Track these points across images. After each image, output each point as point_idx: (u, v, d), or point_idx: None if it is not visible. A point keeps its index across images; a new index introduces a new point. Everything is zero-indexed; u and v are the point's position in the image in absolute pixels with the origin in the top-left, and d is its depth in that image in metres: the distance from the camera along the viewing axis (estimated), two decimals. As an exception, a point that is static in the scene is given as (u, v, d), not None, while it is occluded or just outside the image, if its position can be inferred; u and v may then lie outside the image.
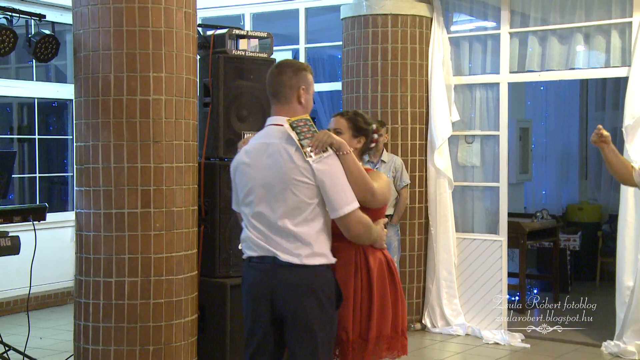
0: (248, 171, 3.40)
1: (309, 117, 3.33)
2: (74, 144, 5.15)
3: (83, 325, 4.95)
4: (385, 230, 3.55)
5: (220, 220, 5.28)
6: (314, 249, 3.29)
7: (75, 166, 5.12)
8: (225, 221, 5.26)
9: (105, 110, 4.86)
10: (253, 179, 3.37)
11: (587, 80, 9.70)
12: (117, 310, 4.86)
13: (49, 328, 7.24)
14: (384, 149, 6.83)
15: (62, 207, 8.88)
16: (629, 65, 6.40)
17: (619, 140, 9.53)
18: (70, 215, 7.95)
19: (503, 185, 7.05)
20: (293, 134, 3.26)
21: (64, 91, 8.56)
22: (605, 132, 4.41)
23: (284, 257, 3.29)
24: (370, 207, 3.39)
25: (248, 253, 3.43)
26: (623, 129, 6.37)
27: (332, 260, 3.35)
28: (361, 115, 3.63)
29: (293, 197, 3.27)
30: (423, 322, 7.21)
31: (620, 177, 4.61)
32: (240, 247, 3.54)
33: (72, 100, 6.23)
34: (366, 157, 4.09)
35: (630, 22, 6.43)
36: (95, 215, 4.90)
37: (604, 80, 9.61)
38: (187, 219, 5.03)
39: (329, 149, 3.27)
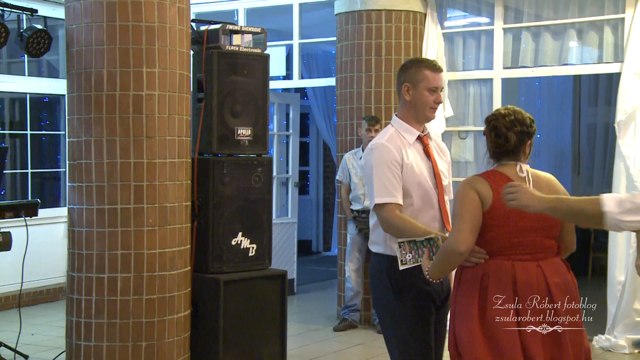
0: None
1: None
2: (67, 139, 5.13)
3: (75, 321, 4.94)
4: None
5: (213, 216, 5.26)
6: (372, 238, 3.58)
7: (67, 162, 5.10)
8: (219, 217, 5.25)
9: (98, 105, 4.84)
10: None
11: (580, 76, 9.70)
12: (110, 306, 4.85)
13: (40, 324, 7.22)
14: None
15: (55, 203, 8.85)
16: (622, 61, 6.41)
17: (611, 136, 9.56)
18: (62, 211, 7.93)
19: (496, 181, 7.05)
20: None
21: (57, 86, 8.52)
22: None
23: None
24: None
25: None
26: (615, 125, 6.38)
27: (387, 252, 3.45)
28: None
29: None
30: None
31: None
32: None
33: (64, 95, 6.22)
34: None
35: (623, 18, 6.45)
36: (88, 211, 4.88)
37: (597, 76, 9.61)
38: (180, 214, 5.02)
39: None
